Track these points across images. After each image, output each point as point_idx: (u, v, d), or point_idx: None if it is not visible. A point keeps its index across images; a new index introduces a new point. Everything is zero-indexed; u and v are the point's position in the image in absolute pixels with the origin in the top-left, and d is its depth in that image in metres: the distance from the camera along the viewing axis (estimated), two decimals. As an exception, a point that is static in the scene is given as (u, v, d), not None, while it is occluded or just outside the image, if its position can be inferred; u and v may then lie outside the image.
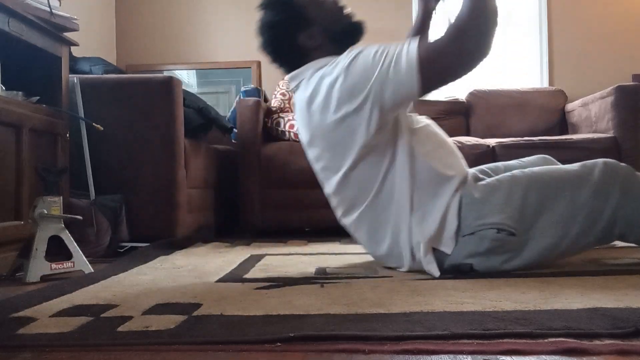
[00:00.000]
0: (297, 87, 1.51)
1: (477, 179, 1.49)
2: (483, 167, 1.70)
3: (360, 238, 1.53)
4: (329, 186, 1.51)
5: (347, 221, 1.51)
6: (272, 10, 1.54)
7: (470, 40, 1.30)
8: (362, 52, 1.37)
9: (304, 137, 1.53)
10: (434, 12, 1.70)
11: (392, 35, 1.63)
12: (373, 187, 1.41)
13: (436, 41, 1.33)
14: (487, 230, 1.35)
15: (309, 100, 1.43)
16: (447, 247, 1.38)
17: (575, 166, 1.42)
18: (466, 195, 1.40)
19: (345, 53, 1.41)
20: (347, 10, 1.56)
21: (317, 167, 1.53)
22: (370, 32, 1.57)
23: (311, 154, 1.52)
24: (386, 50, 1.34)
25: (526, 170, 1.47)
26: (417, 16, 1.74)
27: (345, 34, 1.51)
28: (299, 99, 1.49)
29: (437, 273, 1.35)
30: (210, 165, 2.79)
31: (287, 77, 1.55)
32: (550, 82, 3.89)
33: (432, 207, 1.39)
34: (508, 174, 1.46)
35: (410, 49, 1.31)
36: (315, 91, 1.41)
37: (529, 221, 1.36)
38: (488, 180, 1.47)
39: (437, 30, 1.43)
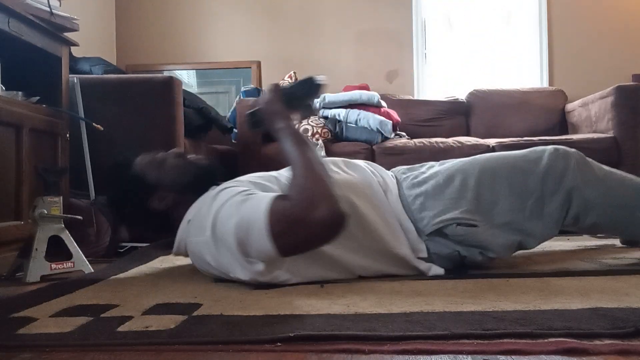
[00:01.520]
0: (185, 252, 1.39)
1: (414, 174, 1.47)
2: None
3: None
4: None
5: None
6: (113, 188, 1.49)
7: (318, 212, 1.13)
8: (219, 216, 1.22)
9: None
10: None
11: (392, 35, 1.62)
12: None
13: (285, 210, 1.15)
14: (448, 227, 1.34)
15: (203, 268, 1.34)
16: (422, 252, 1.36)
17: (524, 151, 1.47)
18: (411, 196, 1.40)
19: (206, 211, 1.26)
20: (192, 158, 1.49)
21: None
22: (370, 32, 1.56)
23: None
24: (239, 215, 1.18)
25: (477, 157, 1.47)
26: None
27: (196, 182, 1.41)
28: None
29: (441, 271, 1.36)
30: (210, 165, 2.78)
31: (173, 253, 1.43)
32: (550, 82, 3.89)
33: (394, 233, 1.35)
34: (460, 162, 1.46)
35: (258, 216, 1.15)
36: (201, 263, 1.32)
37: (486, 210, 1.37)
38: (438, 170, 1.44)
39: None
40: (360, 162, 1.51)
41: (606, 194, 1.39)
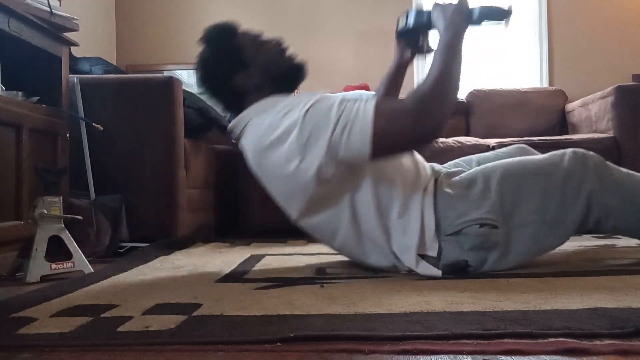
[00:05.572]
0: (241, 134, 1.45)
1: (450, 175, 1.48)
2: (457, 160, 1.70)
3: (348, 257, 1.54)
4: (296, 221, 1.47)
5: (331, 246, 1.51)
6: (209, 46, 1.49)
7: (428, 118, 1.27)
8: (318, 105, 1.31)
9: (262, 181, 1.47)
10: (409, 64, 1.65)
11: (392, 35, 1.62)
12: (341, 222, 1.39)
13: (395, 111, 1.28)
14: (470, 227, 1.35)
15: (259, 150, 1.37)
16: (432, 250, 1.36)
17: (544, 155, 1.47)
18: (442, 194, 1.40)
19: (298, 99, 1.35)
20: (289, 52, 1.52)
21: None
22: (370, 32, 1.56)
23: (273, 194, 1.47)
24: (342, 109, 1.29)
25: (499, 162, 1.48)
26: (392, 65, 1.69)
27: (285, 77, 1.46)
28: (248, 147, 1.42)
29: (438, 273, 1.35)
30: (210, 165, 2.78)
31: (228, 127, 1.50)
32: (550, 82, 3.89)
33: (407, 222, 1.37)
34: (481, 167, 1.47)
35: (366, 115, 1.26)
36: (262, 142, 1.35)
37: (508, 212, 1.37)
38: (462, 175, 1.46)
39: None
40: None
41: (625, 198, 1.38)
